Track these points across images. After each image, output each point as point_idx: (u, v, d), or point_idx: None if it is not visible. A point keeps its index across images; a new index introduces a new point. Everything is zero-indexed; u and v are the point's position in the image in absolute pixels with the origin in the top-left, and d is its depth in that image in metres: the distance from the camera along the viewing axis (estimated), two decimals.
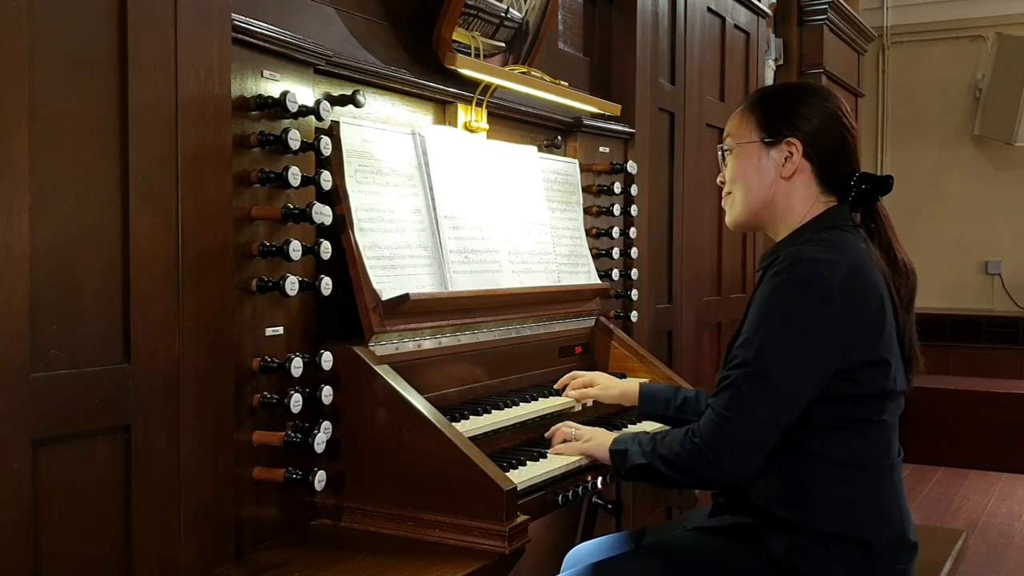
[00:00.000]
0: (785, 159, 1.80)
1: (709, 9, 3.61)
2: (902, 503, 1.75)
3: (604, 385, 2.26)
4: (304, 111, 1.76)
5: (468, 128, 2.29)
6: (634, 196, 2.89)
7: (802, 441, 1.68)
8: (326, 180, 1.78)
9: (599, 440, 1.94)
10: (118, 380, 1.44)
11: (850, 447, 1.69)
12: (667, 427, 2.19)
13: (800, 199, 1.81)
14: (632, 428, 2.30)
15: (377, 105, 2.07)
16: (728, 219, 1.91)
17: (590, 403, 2.29)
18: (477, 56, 2.31)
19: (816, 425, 1.68)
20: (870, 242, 1.78)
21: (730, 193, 1.88)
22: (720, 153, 1.92)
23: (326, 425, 1.72)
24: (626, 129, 2.94)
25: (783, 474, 1.70)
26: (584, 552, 2.11)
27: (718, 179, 1.93)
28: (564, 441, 2.01)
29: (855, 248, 1.73)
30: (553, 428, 2.05)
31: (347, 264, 1.86)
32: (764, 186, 1.82)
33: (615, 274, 2.80)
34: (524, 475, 1.86)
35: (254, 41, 1.67)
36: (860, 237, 1.78)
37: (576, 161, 2.68)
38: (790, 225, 1.82)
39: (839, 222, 1.79)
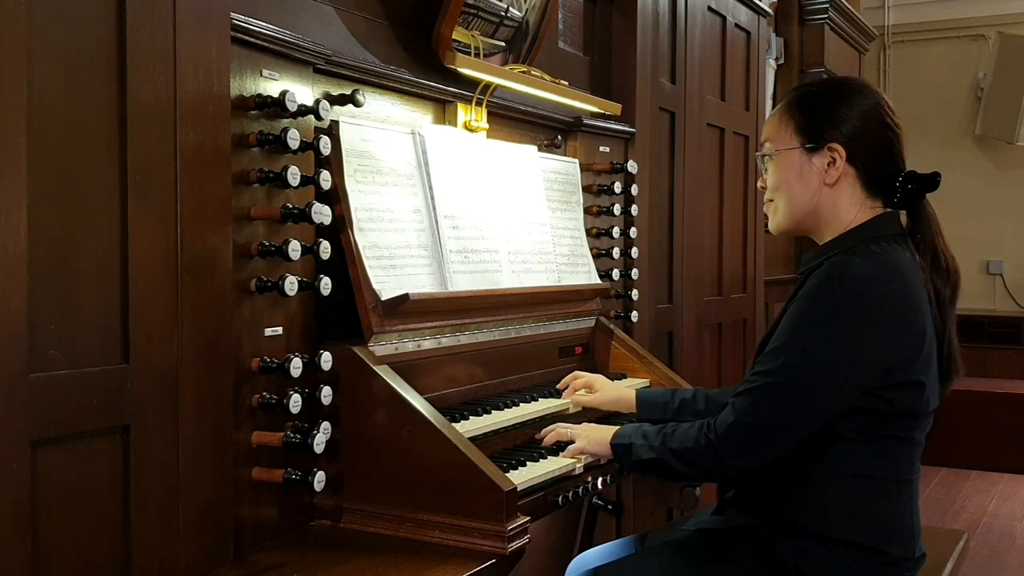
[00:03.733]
0: (828, 165, 1.74)
1: (710, 8, 3.60)
2: (916, 517, 1.74)
3: (603, 391, 2.23)
4: (303, 110, 1.75)
5: (468, 128, 2.29)
6: (634, 196, 2.88)
7: (825, 449, 1.66)
8: (325, 180, 1.77)
9: (596, 436, 1.93)
10: (117, 380, 1.44)
11: (874, 460, 1.67)
12: None
13: (846, 205, 1.75)
14: None
15: (377, 104, 2.07)
16: (771, 226, 1.86)
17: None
18: (477, 55, 2.31)
19: (842, 436, 1.65)
20: (916, 250, 1.72)
21: (772, 200, 1.83)
22: (760, 158, 1.86)
23: (325, 426, 1.72)
24: (626, 128, 2.94)
25: (801, 479, 1.69)
26: (588, 559, 2.09)
27: (759, 184, 1.87)
28: (558, 442, 2.00)
29: (902, 262, 1.68)
30: (545, 431, 2.03)
31: (346, 264, 1.85)
32: (808, 194, 1.76)
33: (615, 274, 2.79)
34: (524, 476, 1.86)
35: (253, 40, 1.67)
36: (907, 247, 1.72)
37: (576, 161, 2.68)
38: (836, 231, 1.76)
39: (887, 231, 1.73)
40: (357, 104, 1.89)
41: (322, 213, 1.73)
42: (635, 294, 2.87)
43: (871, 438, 1.66)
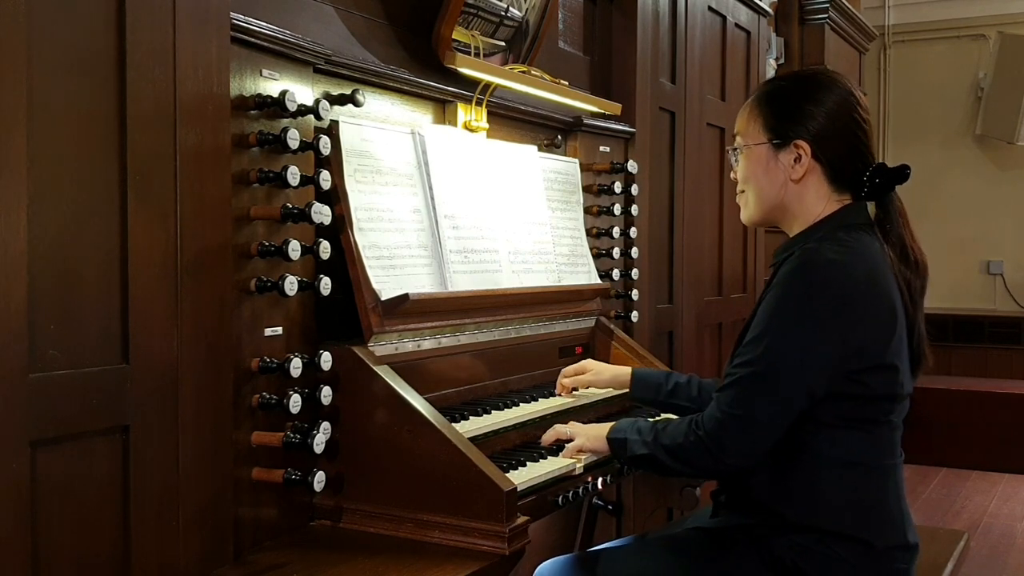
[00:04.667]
0: (794, 161, 1.77)
1: (710, 8, 3.60)
2: (903, 503, 1.75)
3: (596, 370, 2.26)
4: (303, 110, 1.75)
5: (468, 127, 2.29)
6: (634, 196, 2.88)
7: (807, 439, 1.68)
8: (325, 180, 1.77)
9: (593, 432, 1.93)
10: (116, 380, 1.43)
11: (855, 446, 1.68)
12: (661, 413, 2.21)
13: (812, 200, 1.78)
14: None
15: (376, 104, 2.07)
16: (742, 217, 1.90)
17: (588, 395, 2.28)
18: (477, 55, 2.31)
19: (822, 423, 1.67)
20: (884, 241, 1.75)
21: (743, 192, 1.87)
22: (730, 151, 1.90)
23: (325, 426, 1.72)
24: (626, 128, 2.93)
25: (787, 472, 1.70)
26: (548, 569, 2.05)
27: (731, 175, 1.92)
28: (557, 439, 2.00)
29: (870, 249, 1.71)
30: (546, 435, 2.03)
31: (346, 264, 1.85)
32: (775, 189, 1.80)
33: (615, 274, 2.79)
34: (524, 476, 1.86)
35: (253, 40, 1.66)
36: (875, 237, 1.75)
37: (576, 160, 2.68)
38: (804, 223, 1.80)
39: (855, 221, 1.76)
40: (357, 104, 1.88)
41: (322, 213, 1.73)
42: (635, 294, 2.87)
43: (850, 423, 1.68)
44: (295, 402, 1.69)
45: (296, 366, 1.69)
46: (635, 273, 2.88)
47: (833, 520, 1.68)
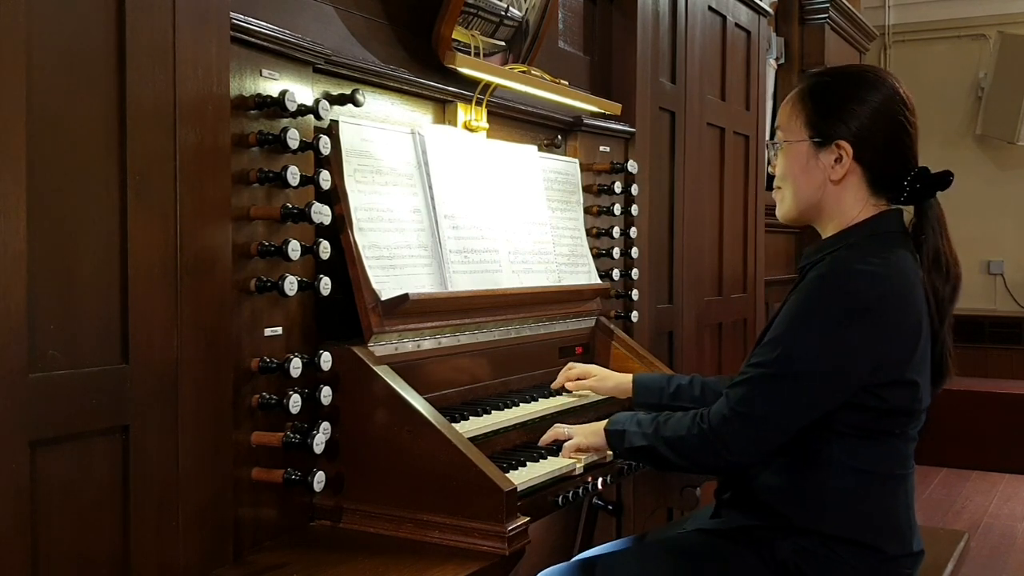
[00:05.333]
0: (835, 162, 1.73)
1: (710, 8, 3.60)
2: (912, 513, 1.74)
3: (600, 376, 2.26)
4: (303, 110, 1.75)
5: (468, 127, 2.29)
6: (635, 196, 2.88)
7: (819, 445, 1.67)
8: (325, 179, 1.77)
9: (591, 428, 1.93)
10: (116, 380, 1.43)
11: (868, 455, 1.67)
12: None
13: (850, 202, 1.75)
14: None
15: (376, 104, 2.07)
16: (778, 213, 1.87)
17: (588, 395, 2.28)
18: (477, 55, 2.31)
19: (835, 431, 1.66)
20: (917, 250, 1.72)
21: (780, 188, 1.84)
22: (770, 145, 1.86)
23: (325, 426, 1.72)
24: (627, 128, 2.93)
25: (797, 475, 1.69)
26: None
27: (769, 169, 1.89)
28: (556, 439, 2.00)
29: (901, 260, 1.68)
30: (544, 436, 2.03)
31: (346, 264, 1.85)
32: (812, 188, 1.77)
33: (615, 274, 2.79)
34: (524, 476, 1.86)
35: (253, 40, 1.66)
36: (908, 246, 1.72)
37: (576, 160, 2.68)
38: (839, 225, 1.77)
39: (888, 229, 1.73)
40: (357, 104, 1.88)
41: (322, 213, 1.73)
42: (635, 294, 2.87)
43: (865, 433, 1.67)
44: (295, 402, 1.69)
45: (296, 366, 1.69)
46: (635, 273, 2.88)
47: (839, 525, 1.67)
